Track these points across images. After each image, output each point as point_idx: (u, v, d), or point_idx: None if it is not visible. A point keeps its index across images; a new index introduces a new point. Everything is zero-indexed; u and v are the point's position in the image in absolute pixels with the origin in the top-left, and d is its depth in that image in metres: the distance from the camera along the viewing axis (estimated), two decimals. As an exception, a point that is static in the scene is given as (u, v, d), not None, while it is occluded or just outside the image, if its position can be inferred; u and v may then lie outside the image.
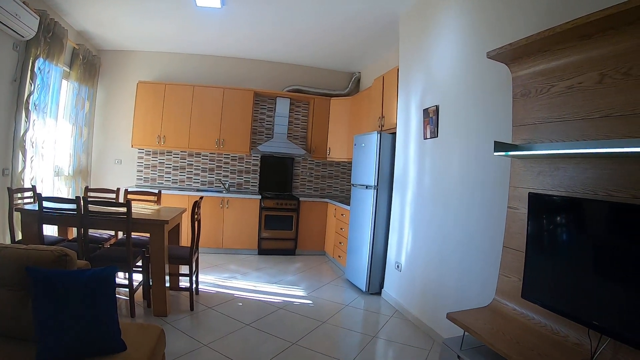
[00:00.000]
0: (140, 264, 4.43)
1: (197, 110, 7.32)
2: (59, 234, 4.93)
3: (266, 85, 7.95)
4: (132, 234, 4.05)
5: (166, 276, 4.15)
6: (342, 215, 6.67)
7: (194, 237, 4.59)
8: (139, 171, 7.58)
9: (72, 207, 3.96)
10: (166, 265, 4.15)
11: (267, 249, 7.38)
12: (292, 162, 8.18)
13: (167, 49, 7.46)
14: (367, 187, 5.54)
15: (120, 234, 5.36)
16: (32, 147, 5.06)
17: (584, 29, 2.31)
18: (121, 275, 4.45)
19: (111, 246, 4.79)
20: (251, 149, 7.63)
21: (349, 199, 6.39)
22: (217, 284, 5.42)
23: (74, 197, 4.69)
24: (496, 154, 2.73)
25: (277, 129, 7.92)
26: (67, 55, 5.94)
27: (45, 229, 4.11)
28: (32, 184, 4.99)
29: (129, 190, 5.47)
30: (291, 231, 7.45)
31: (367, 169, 5.58)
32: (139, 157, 7.57)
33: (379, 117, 5.93)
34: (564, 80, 2.61)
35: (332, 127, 7.95)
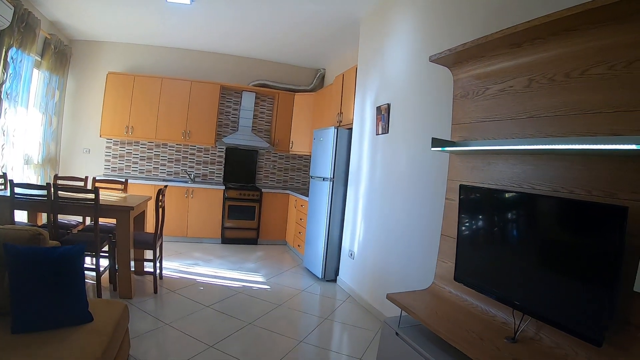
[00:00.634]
0: (106, 249, 4.47)
1: (164, 102, 7.27)
2: (28, 221, 4.87)
3: (233, 79, 7.95)
4: (99, 220, 4.09)
5: (131, 261, 4.19)
6: (301, 206, 6.78)
7: (158, 224, 4.64)
8: (106, 161, 7.47)
9: (43, 193, 3.96)
10: (131, 250, 4.20)
11: (230, 238, 7.42)
12: (256, 155, 8.21)
13: (137, 40, 7.36)
14: (324, 179, 5.66)
15: (87, 221, 5.34)
16: (3, 135, 4.96)
17: (514, 38, 2.47)
18: (88, 260, 4.46)
19: (79, 232, 4.78)
20: (216, 141, 7.64)
21: (309, 191, 6.52)
22: (180, 270, 5.45)
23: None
24: (433, 149, 2.88)
25: (242, 122, 7.94)
26: (39, 44, 5.82)
27: (15, 216, 4.08)
28: (2, 172, 4.92)
29: (97, 178, 5.45)
30: (254, 221, 7.50)
31: (324, 162, 5.70)
32: (107, 147, 7.46)
33: (338, 113, 6.05)
34: (497, 83, 2.78)
35: (296, 122, 8.03)
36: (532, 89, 2.53)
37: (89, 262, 4.43)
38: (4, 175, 4.61)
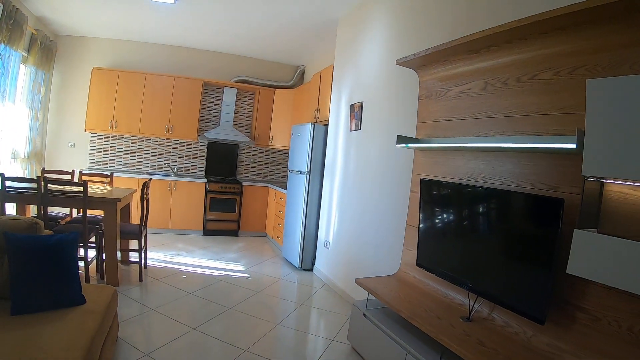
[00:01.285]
0: (93, 240, 4.54)
1: (148, 97, 7.28)
2: (17, 213, 4.88)
3: (215, 75, 8.00)
4: (87, 211, 4.17)
5: (118, 251, 4.29)
6: (280, 199, 6.91)
7: (143, 215, 4.74)
8: (91, 154, 7.45)
9: (33, 186, 4.01)
10: (118, 240, 4.29)
11: (211, 229, 7.51)
12: (237, 149, 8.29)
13: (121, 36, 7.33)
14: (301, 172, 5.81)
15: (74, 213, 5.39)
16: (-9, 129, 4.98)
17: (471, 45, 2.65)
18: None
19: (67, 223, 4.83)
20: (198, 135, 7.69)
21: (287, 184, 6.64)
22: (164, 260, 5.53)
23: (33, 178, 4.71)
24: (398, 145, 3.07)
25: (224, 117, 8.00)
26: (25, 40, 5.80)
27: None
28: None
29: (83, 172, 5.50)
30: (234, 213, 7.61)
31: (301, 156, 5.84)
32: (92, 141, 7.43)
33: (315, 110, 6.19)
34: (458, 86, 2.96)
35: (276, 117, 8.13)
36: (487, 91, 2.72)
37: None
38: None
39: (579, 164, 1.82)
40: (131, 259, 5.10)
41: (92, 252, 4.57)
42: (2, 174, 3.97)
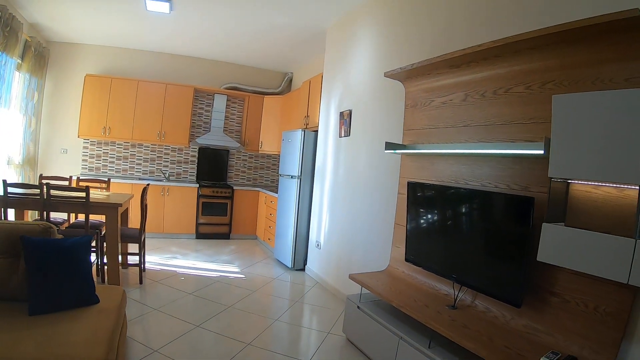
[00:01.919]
0: (94, 244, 4.67)
1: (140, 103, 7.41)
2: (16, 219, 4.91)
3: (205, 82, 8.16)
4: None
5: (119, 254, 4.42)
6: (271, 202, 7.12)
7: (144, 219, 4.92)
8: (84, 160, 7.53)
9: (35, 192, 4.08)
10: (119, 243, 4.42)
11: (204, 233, 7.67)
12: (228, 154, 8.47)
13: (114, 43, 7.43)
14: (292, 177, 6.04)
15: (73, 218, 5.47)
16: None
17: (453, 61, 2.94)
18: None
19: (66, 228, 4.93)
20: (190, 141, 7.85)
21: (278, 188, 6.85)
22: (160, 262, 5.70)
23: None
24: (386, 151, 3.35)
25: (214, 123, 8.18)
26: (20, 47, 5.82)
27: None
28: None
29: (80, 178, 5.60)
30: (226, 217, 7.79)
31: (292, 161, 6.07)
32: (84, 147, 7.52)
33: (305, 116, 6.44)
34: (441, 97, 3.25)
35: (265, 123, 8.34)
36: (467, 102, 3.01)
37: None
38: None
39: (547, 167, 2.09)
40: (129, 262, 5.26)
41: (92, 256, 4.71)
42: (4, 180, 4.04)
